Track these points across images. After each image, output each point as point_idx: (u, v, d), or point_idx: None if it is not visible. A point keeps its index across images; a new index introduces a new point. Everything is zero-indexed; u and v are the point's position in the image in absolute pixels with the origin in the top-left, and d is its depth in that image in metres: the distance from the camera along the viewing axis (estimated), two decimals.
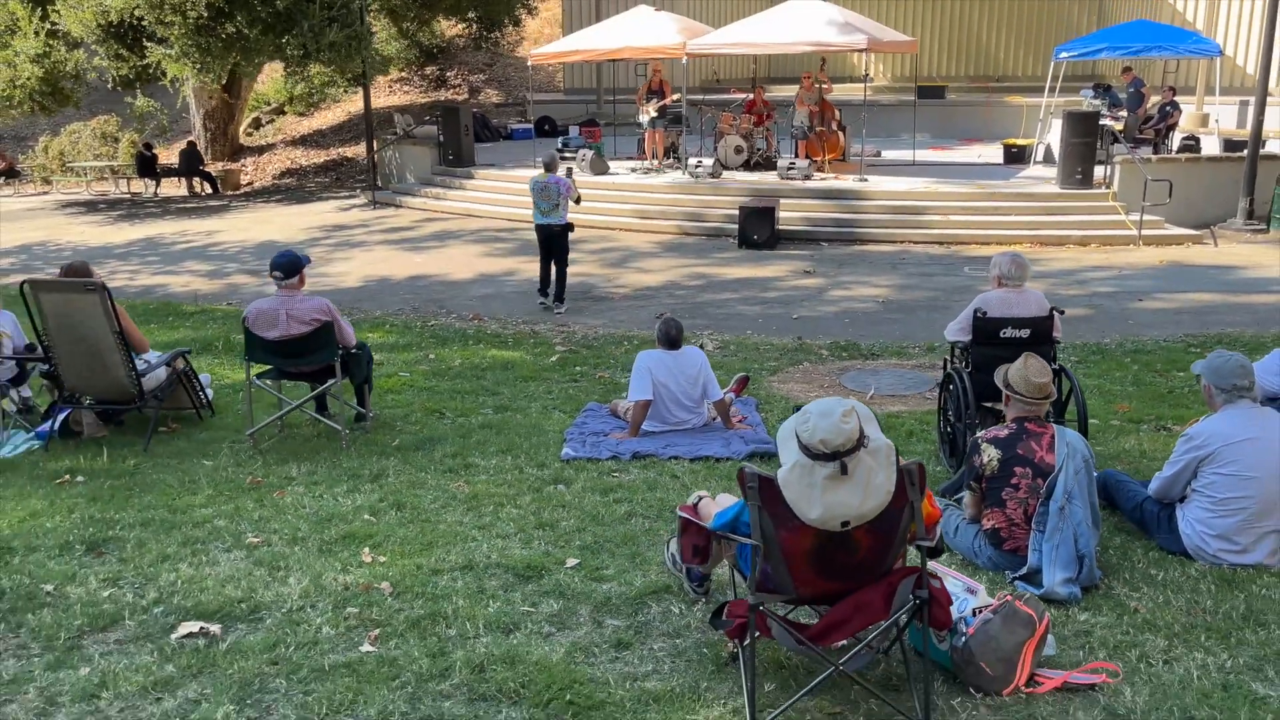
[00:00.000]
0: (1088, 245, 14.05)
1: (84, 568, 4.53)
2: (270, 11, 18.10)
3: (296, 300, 6.39)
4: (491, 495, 5.51)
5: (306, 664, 3.64)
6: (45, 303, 6.28)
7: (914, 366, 8.85)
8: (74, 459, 6.24)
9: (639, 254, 14.44)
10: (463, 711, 3.31)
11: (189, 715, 3.31)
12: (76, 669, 3.62)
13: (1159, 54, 16.88)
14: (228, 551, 4.73)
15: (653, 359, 6.78)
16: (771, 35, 16.45)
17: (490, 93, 30.54)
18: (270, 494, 5.58)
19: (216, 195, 23.85)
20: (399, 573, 4.44)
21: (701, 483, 5.68)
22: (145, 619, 4.02)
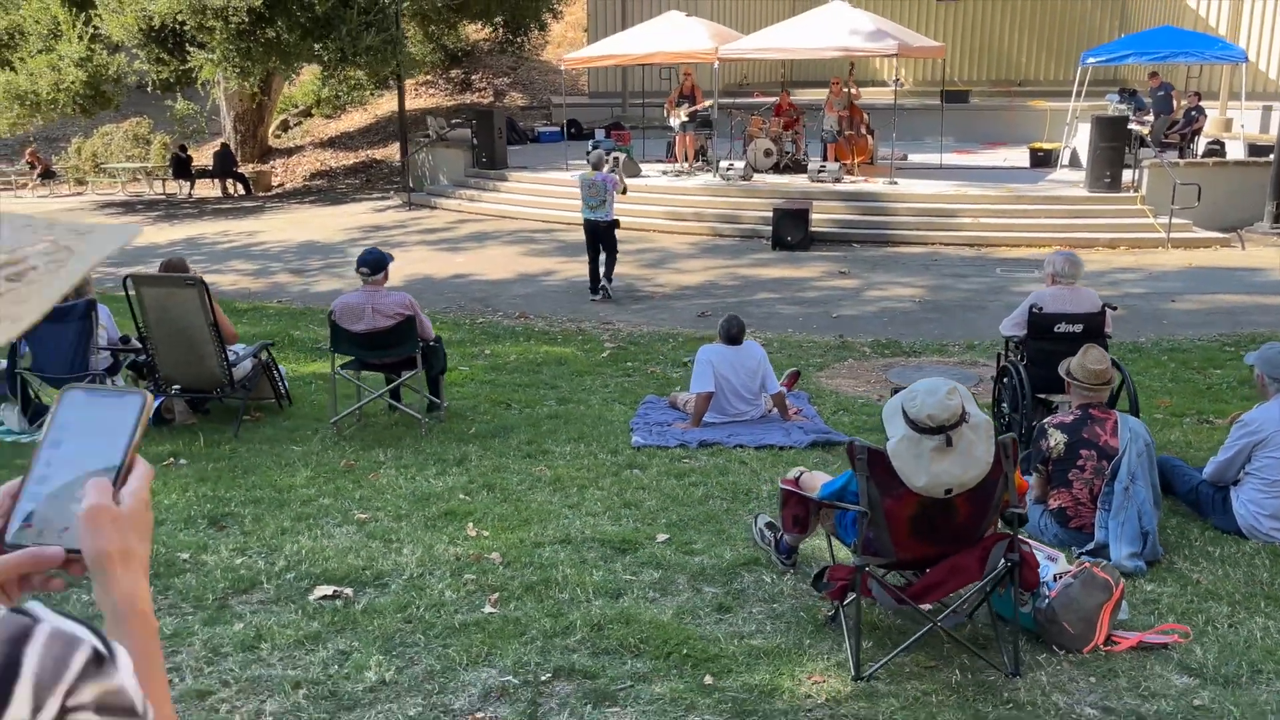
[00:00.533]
0: (1116, 248, 14.34)
1: (211, 539, 4.88)
2: (309, 17, 18.51)
3: (381, 295, 6.74)
4: (573, 478, 5.84)
5: (439, 622, 3.97)
6: (146, 296, 6.64)
7: (956, 364, 9.16)
8: (173, 444, 6.59)
9: (675, 255, 14.78)
10: (589, 663, 3.64)
11: (343, 663, 3.65)
12: (230, 624, 3.97)
13: (1185, 60, 17.17)
14: (339, 526, 5.07)
15: (714, 353, 7.11)
16: (803, 40, 16.78)
17: (515, 96, 30.92)
18: (365, 476, 5.92)
19: (250, 196, 24.27)
20: (504, 545, 4.77)
21: (769, 469, 6.01)
22: (280, 583, 4.36)
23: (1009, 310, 11.11)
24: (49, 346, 6.91)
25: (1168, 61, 17.38)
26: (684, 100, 18.04)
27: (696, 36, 17.68)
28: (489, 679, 3.54)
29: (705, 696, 3.40)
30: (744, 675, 3.53)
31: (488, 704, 3.39)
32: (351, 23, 18.58)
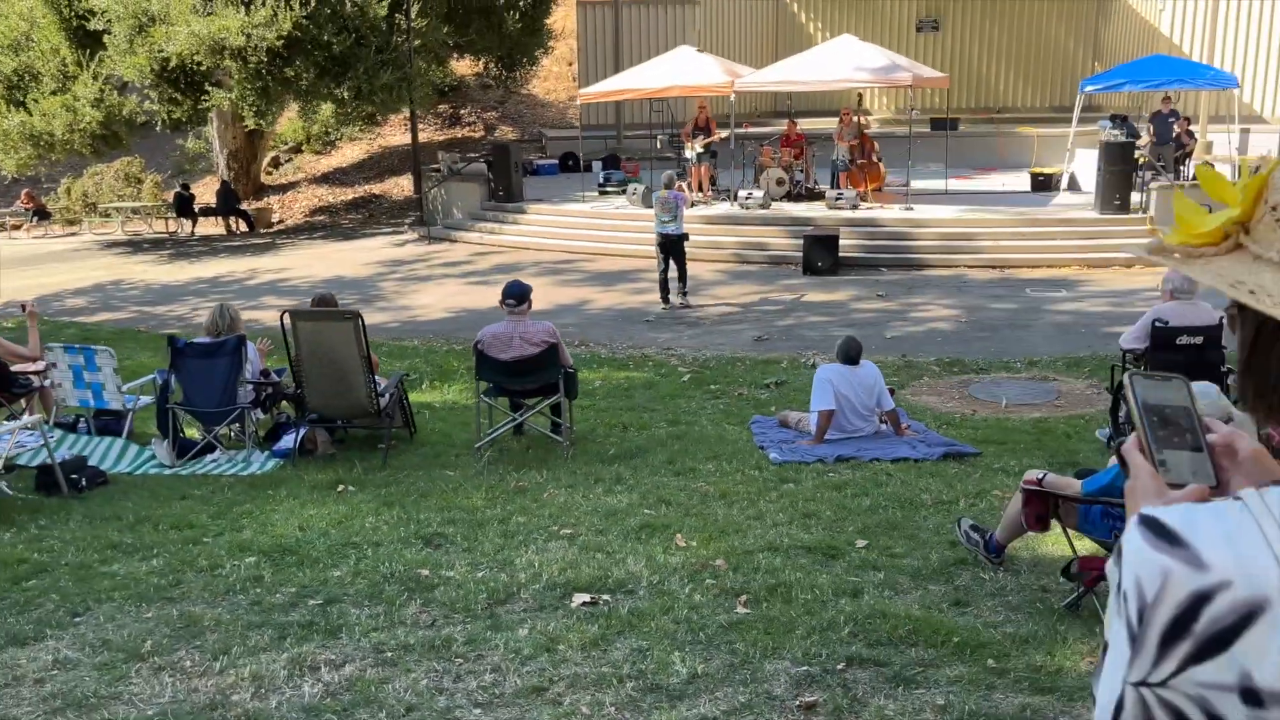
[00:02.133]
0: (1132, 267, 14.97)
1: (436, 557, 5.16)
2: (326, 56, 18.79)
3: (527, 324, 7.07)
4: (738, 493, 6.19)
5: (707, 622, 4.29)
6: (301, 330, 6.91)
7: (1027, 379, 9.63)
8: (332, 473, 6.84)
9: (709, 282, 15.18)
10: (873, 652, 3.97)
11: (646, 660, 3.95)
12: (514, 630, 4.25)
13: (1179, 86, 17.97)
14: (549, 541, 5.37)
15: (834, 372, 7.51)
16: (818, 73, 17.36)
17: (506, 129, 31.26)
18: (539, 495, 6.22)
19: (254, 233, 24.36)
20: (718, 553, 5.10)
21: (917, 479, 6.39)
22: (535, 592, 4.65)
23: (1055, 329, 11.71)
24: (200, 381, 7.13)
25: (1163, 89, 18.18)
26: (699, 132, 18.52)
27: (711, 71, 18.21)
28: (789, 669, 3.86)
29: (998, 678, 3.75)
30: (1022, 658, 3.89)
31: (804, 689, 3.71)
32: (368, 61, 18.89)
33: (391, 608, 4.53)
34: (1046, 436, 7.45)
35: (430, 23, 20.37)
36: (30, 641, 4.25)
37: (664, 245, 13.00)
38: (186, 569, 5.06)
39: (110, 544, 5.43)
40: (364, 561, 5.09)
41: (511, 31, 23.10)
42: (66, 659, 4.07)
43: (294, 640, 4.20)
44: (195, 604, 4.62)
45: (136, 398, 7.42)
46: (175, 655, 4.10)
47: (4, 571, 5.03)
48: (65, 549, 5.37)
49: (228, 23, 17.94)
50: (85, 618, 4.51)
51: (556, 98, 33.52)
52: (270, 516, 5.87)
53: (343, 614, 4.46)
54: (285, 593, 4.73)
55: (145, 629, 4.34)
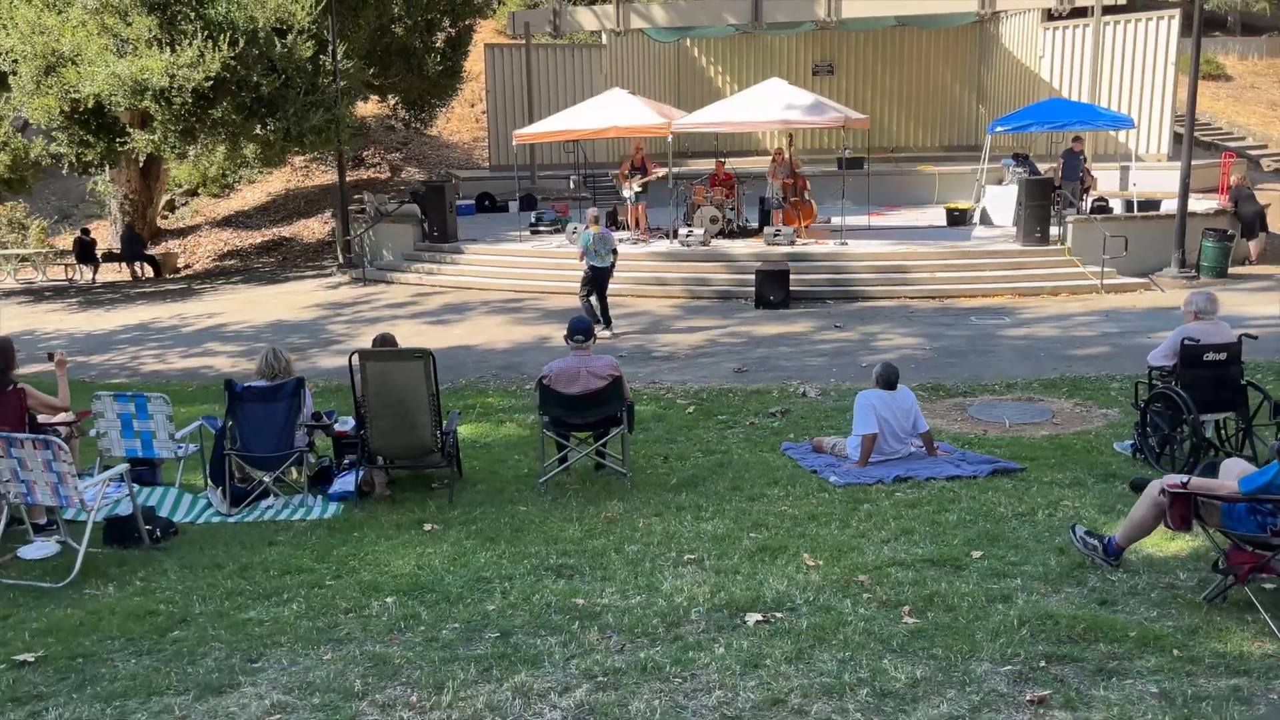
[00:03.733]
0: (1058, 295, 15.93)
1: (576, 586, 5.23)
2: (253, 97, 18.45)
3: (592, 359, 7.19)
4: (825, 515, 6.43)
5: (889, 631, 4.50)
6: (370, 370, 6.86)
7: (1014, 400, 10.18)
8: (404, 513, 6.81)
9: (665, 317, 15.48)
10: (1063, 650, 4.25)
11: (858, 669, 4.14)
12: (710, 649, 4.38)
13: (1081, 127, 19.22)
14: (679, 566, 5.50)
15: (874, 398, 7.85)
16: (751, 114, 17.96)
17: (411, 170, 31.07)
18: (633, 524, 6.34)
19: (160, 279, 23.57)
20: (849, 569, 5.33)
21: (980, 495, 6.76)
22: (702, 614, 4.78)
23: (1015, 352, 12.37)
24: (258, 427, 7.00)
25: (1066, 129, 19.43)
26: (636, 172, 18.87)
27: (646, 113, 18.61)
28: (996, 669, 4.11)
29: (1192, 665, 4.08)
30: (1199, 646, 4.23)
31: (1028, 684, 3.96)
32: (297, 102, 18.62)
33: (571, 636, 4.60)
34: (1068, 451, 7.94)
35: (356, 64, 20.20)
36: (227, 689, 4.16)
37: (594, 279, 13.89)
38: (331, 611, 5.00)
39: (230, 591, 5.31)
40: (509, 595, 5.13)
41: (431, 73, 23.03)
42: (281, 703, 4.01)
43: (502, 671, 4.23)
44: (369, 644, 4.59)
45: (187, 445, 7.21)
46: (390, 693, 4.09)
47: (141, 624, 4.88)
48: (186, 599, 5.23)
49: (150, 63, 17.45)
50: (263, 663, 4.43)
51: (460, 139, 33.54)
52: (377, 557, 5.83)
53: (528, 645, 4.50)
54: (452, 628, 4.75)
55: (337, 669, 4.30)
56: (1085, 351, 12.22)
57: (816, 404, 10.41)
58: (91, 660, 4.47)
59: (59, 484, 5.59)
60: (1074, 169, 18.73)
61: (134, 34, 17.78)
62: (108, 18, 18.17)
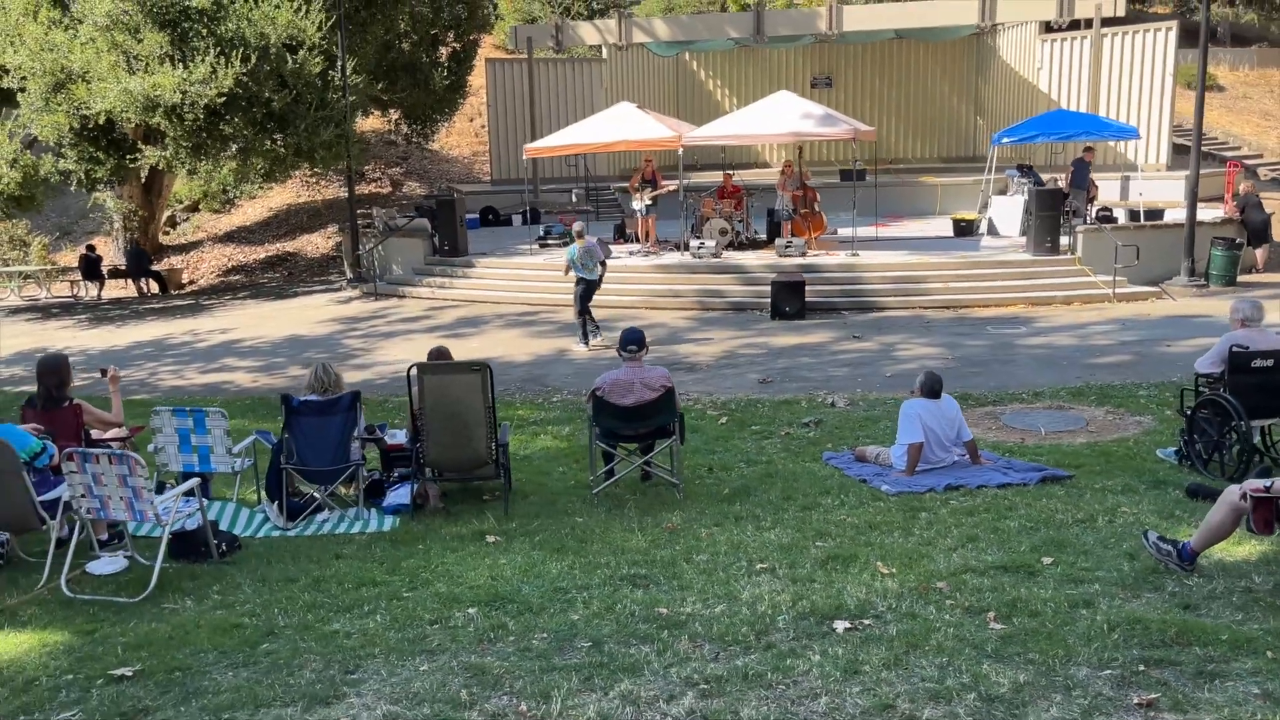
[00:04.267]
0: (1071, 304, 16.06)
1: (656, 595, 5.26)
2: (264, 113, 18.49)
3: (645, 370, 7.24)
4: (884, 523, 6.49)
5: (979, 637, 4.54)
6: (428, 383, 6.90)
7: (1044, 409, 10.26)
8: (463, 525, 6.83)
9: (681, 329, 15.53)
10: (1159, 654, 4.29)
11: (959, 674, 4.18)
12: (806, 656, 4.42)
13: (1087, 138, 19.41)
14: (754, 575, 5.54)
15: (920, 406, 7.92)
16: (762, 127, 18.09)
17: (412, 185, 31.13)
18: (696, 534, 6.38)
19: (166, 294, 23.54)
20: (924, 576, 5.38)
21: (1035, 502, 6.82)
22: (788, 622, 4.82)
23: (1037, 361, 12.47)
24: (314, 441, 7.02)
25: (1072, 140, 19.61)
26: (646, 184, 18.96)
27: (656, 126, 18.71)
28: (1097, 673, 4.16)
29: None
30: None
31: (1131, 688, 4.01)
32: (308, 118, 18.66)
33: (663, 644, 4.63)
34: (1111, 459, 8.02)
35: (365, 79, 20.25)
36: (333, 700, 4.18)
37: (587, 290, 14.13)
38: (416, 623, 5.02)
39: (310, 604, 5.33)
40: (591, 605, 5.16)
41: (437, 87, 23.11)
42: (391, 713, 4.03)
43: (604, 680, 4.26)
44: (462, 655, 4.61)
45: (242, 460, 7.22)
46: (498, 703, 4.11)
47: (230, 637, 4.89)
48: (268, 612, 5.24)
49: (162, 79, 17.47)
50: (360, 674, 4.45)
51: (460, 153, 33.62)
52: (448, 569, 5.85)
53: (622, 654, 4.54)
54: (541, 638, 4.77)
55: (438, 680, 4.32)
56: (1107, 360, 12.32)
57: (847, 414, 10.48)
58: (189, 673, 4.48)
59: (134, 499, 5.60)
60: (1083, 179, 18.90)
61: (146, 51, 17.80)
62: (118, 35, 18.18)
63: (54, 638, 4.94)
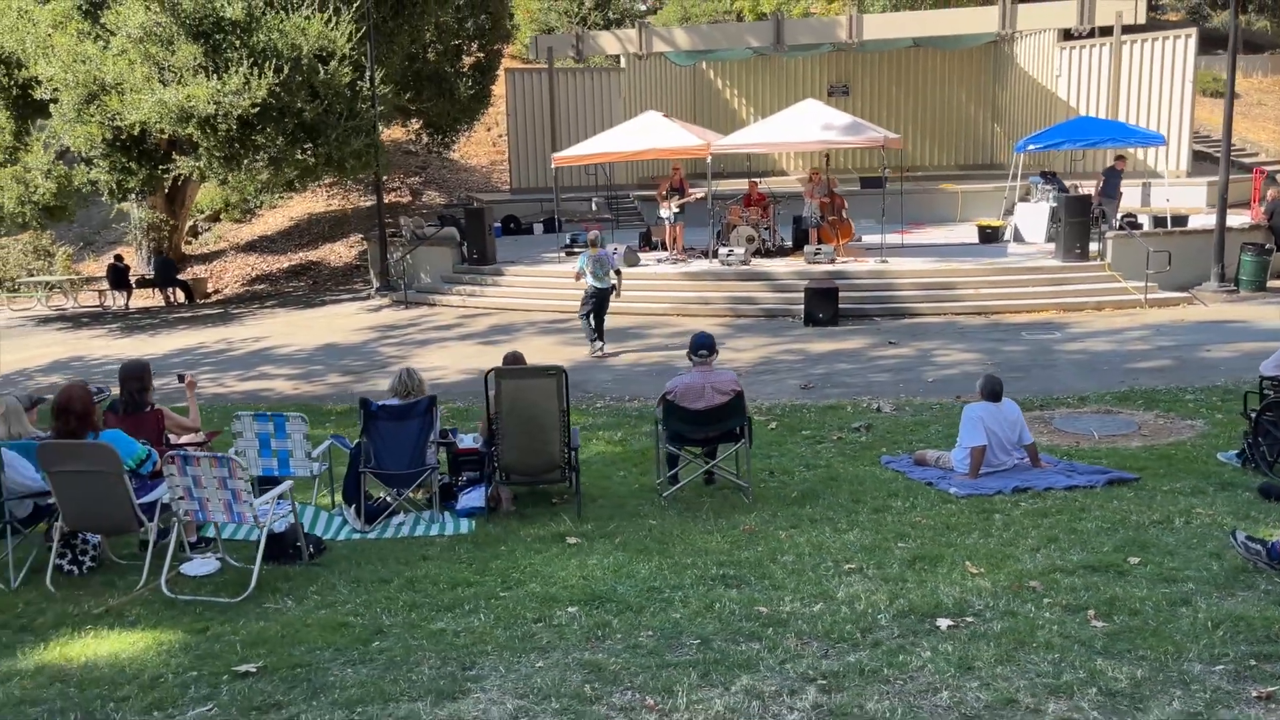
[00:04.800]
0: (1102, 309, 16.14)
1: (752, 594, 5.34)
2: (296, 123, 18.61)
3: (716, 374, 7.33)
4: (960, 525, 6.56)
5: (1084, 634, 4.62)
6: (504, 388, 6.99)
7: (1093, 412, 10.33)
8: (539, 527, 6.92)
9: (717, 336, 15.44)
10: (1269, 649, 4.37)
11: (1073, 670, 4.25)
12: (916, 653, 4.50)
13: (1113, 145, 19.50)
14: (844, 575, 5.62)
15: (982, 410, 8.00)
16: (790, 135, 18.22)
17: (431, 194, 31.26)
18: (774, 536, 6.46)
19: (192, 304, 23.67)
20: (1014, 575, 5.45)
21: (1107, 504, 6.90)
22: (890, 620, 4.90)
23: (1077, 366, 12.53)
24: (391, 445, 7.11)
25: (1098, 147, 19.71)
26: (674, 192, 19.07)
27: (684, 134, 18.84)
28: (1210, 668, 4.23)
29: None
30: None
31: (1248, 682, 4.08)
32: (339, 128, 18.79)
33: (771, 641, 4.71)
34: (1171, 461, 8.08)
35: (392, 90, 20.40)
36: (459, 695, 4.26)
37: (596, 298, 14.31)
38: (520, 621, 5.10)
39: (410, 604, 5.41)
40: (690, 604, 5.24)
41: (462, 97, 23.26)
42: (521, 708, 4.12)
43: (722, 676, 4.34)
44: (574, 652, 4.69)
45: (321, 464, 7.31)
46: (621, 698, 4.19)
47: (340, 635, 4.97)
48: (370, 611, 5.32)
49: (196, 90, 17.61)
50: (477, 671, 4.53)
51: (478, 162, 33.76)
52: (536, 569, 5.93)
53: (734, 650, 4.62)
54: (647, 636, 4.85)
55: (557, 676, 4.40)
56: (1147, 365, 12.39)
57: (895, 419, 10.55)
58: (311, 670, 4.56)
59: (232, 500, 5.69)
60: (1114, 187, 18.97)
61: (179, 62, 17.93)
62: (151, 46, 18.33)
63: (167, 636, 5.03)
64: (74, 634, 5.11)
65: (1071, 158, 25.15)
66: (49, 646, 4.96)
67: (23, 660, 4.81)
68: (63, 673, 4.63)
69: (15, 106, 19.58)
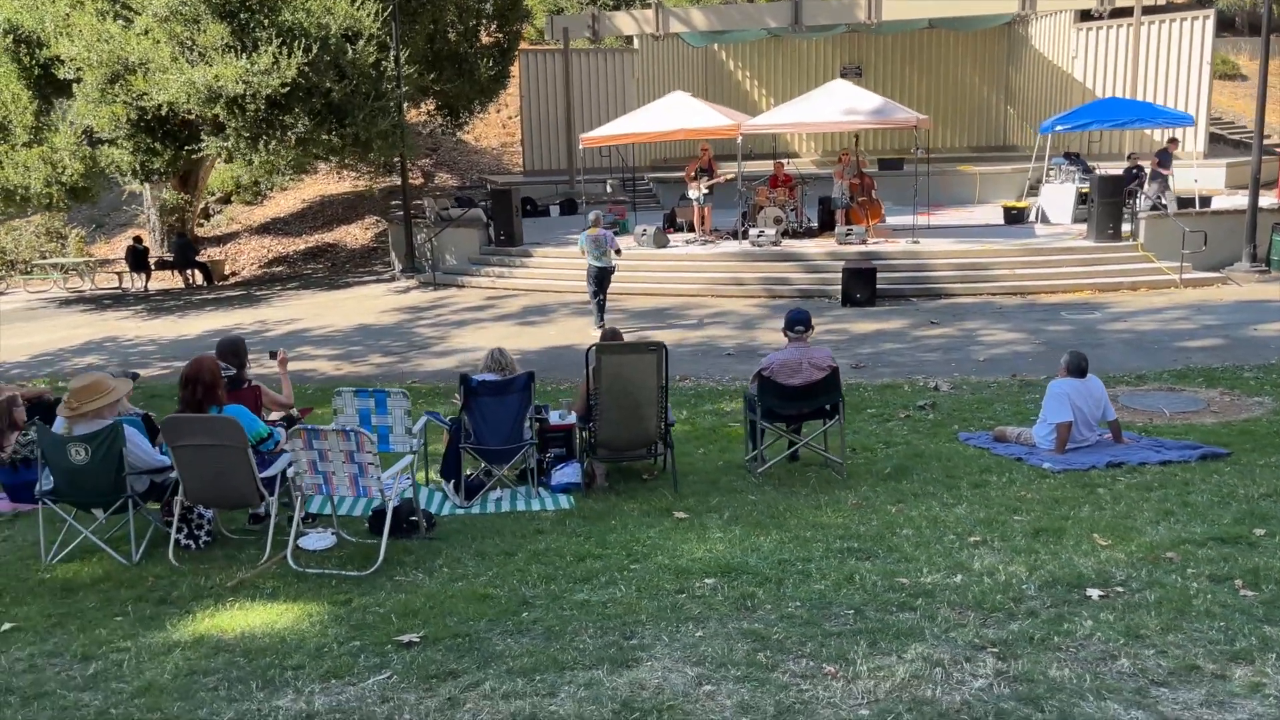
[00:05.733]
0: (1137, 290, 16.19)
1: (883, 566, 5.36)
2: (324, 104, 18.49)
3: (812, 350, 7.33)
4: (1067, 499, 6.59)
5: (1241, 604, 4.64)
6: (606, 363, 6.97)
7: (1156, 389, 10.37)
8: (643, 502, 6.92)
9: (754, 316, 15.61)
10: None
11: (1244, 638, 4.28)
12: (1079, 621, 4.52)
13: (1140, 125, 19.55)
14: (969, 549, 5.63)
15: (1068, 386, 8.02)
16: (823, 115, 18.17)
17: (444, 176, 31.13)
18: (884, 510, 6.48)
19: (211, 286, 23.56)
20: (1146, 547, 5.48)
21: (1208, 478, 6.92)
22: (1037, 590, 4.93)
23: (1126, 345, 12.57)
24: (492, 421, 7.09)
25: (1126, 128, 19.74)
26: (703, 173, 19.02)
27: (712, 115, 18.79)
28: None
29: None
30: None
31: None
32: (366, 108, 18.67)
33: (925, 612, 4.73)
34: (1256, 437, 8.11)
35: (418, 69, 20.28)
36: (633, 663, 4.26)
37: (600, 277, 14.50)
38: (662, 593, 5.10)
39: (544, 576, 5.40)
40: (829, 576, 5.24)
41: (482, 77, 23.15)
42: (702, 674, 4.12)
43: (891, 644, 4.36)
44: (729, 621, 4.69)
45: (418, 440, 7.28)
46: (797, 665, 4.20)
47: (485, 606, 4.96)
48: (507, 583, 5.32)
49: (225, 70, 17.47)
50: (640, 640, 4.53)
51: (488, 144, 33.63)
52: (657, 543, 5.93)
53: (890, 620, 4.63)
54: (795, 606, 4.86)
55: (723, 645, 4.41)
56: (1197, 344, 12.45)
57: (956, 397, 10.57)
58: (472, 639, 4.55)
59: (359, 475, 5.67)
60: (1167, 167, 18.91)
61: (207, 41, 17.78)
62: (176, 25, 18.17)
63: (313, 608, 5.01)
64: (216, 606, 5.09)
65: (1089, 139, 25.21)
66: (196, 618, 4.94)
67: (175, 632, 4.79)
68: (221, 643, 4.62)
69: (37, 86, 19.38)
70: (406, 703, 3.99)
